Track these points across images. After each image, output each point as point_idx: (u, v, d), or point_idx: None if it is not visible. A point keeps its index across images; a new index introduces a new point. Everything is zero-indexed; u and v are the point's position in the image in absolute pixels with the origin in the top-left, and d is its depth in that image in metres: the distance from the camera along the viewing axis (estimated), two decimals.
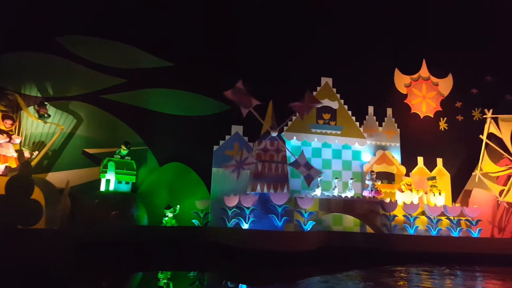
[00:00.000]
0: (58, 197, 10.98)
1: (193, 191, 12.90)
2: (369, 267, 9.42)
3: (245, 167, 10.67)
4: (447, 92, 16.05)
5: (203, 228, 11.84)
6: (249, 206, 10.43)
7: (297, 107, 11.12)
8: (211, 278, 8.49)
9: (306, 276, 8.16)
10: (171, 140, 13.44)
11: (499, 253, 11.21)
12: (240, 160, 10.61)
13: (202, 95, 13.99)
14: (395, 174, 14.02)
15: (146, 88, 13.94)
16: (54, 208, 10.56)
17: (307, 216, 10.82)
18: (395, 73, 15.78)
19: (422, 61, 16.16)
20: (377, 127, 14.54)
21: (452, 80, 16.14)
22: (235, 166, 10.59)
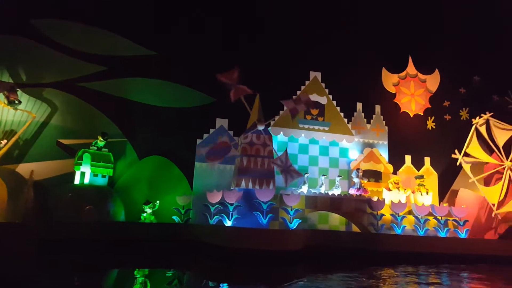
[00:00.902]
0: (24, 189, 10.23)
1: (174, 186, 12.30)
2: (356, 269, 9.05)
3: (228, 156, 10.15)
4: (435, 88, 15.87)
5: (183, 225, 11.26)
6: (232, 202, 9.92)
7: (289, 105, 10.67)
8: (191, 278, 8.11)
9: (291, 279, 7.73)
10: (151, 132, 12.78)
11: (486, 254, 11.04)
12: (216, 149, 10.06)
13: (186, 86, 13.35)
14: (382, 173, 13.74)
15: (127, 77, 13.22)
16: (19, 200, 9.82)
17: (293, 213, 10.39)
18: (383, 73, 15.49)
19: (408, 58, 15.88)
20: (365, 124, 14.23)
21: (439, 76, 15.95)
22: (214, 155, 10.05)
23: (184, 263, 9.25)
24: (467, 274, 9.11)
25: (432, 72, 16.01)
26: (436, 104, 15.88)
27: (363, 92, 14.68)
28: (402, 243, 10.99)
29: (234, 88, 9.91)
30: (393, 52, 15.77)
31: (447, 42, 16.08)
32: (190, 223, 11.46)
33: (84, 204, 10.62)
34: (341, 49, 14.73)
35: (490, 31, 16.71)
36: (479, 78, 16.57)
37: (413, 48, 16.02)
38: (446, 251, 10.99)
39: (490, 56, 16.55)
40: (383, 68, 15.51)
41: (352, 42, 15.02)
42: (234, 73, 10.00)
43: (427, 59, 15.98)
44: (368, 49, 15.20)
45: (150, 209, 11.53)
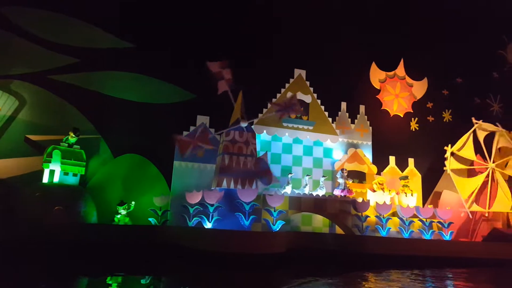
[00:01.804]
0: None
1: (151, 186, 11.67)
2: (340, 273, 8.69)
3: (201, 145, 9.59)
4: (420, 95, 15.82)
5: (160, 227, 10.64)
6: (213, 203, 9.39)
7: (277, 106, 10.31)
8: (168, 284, 7.70)
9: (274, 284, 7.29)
10: (127, 129, 12.06)
11: (471, 256, 10.88)
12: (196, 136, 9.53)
13: (165, 81, 12.72)
14: (366, 173, 13.48)
15: (101, 70, 12.49)
16: None
17: (276, 215, 9.94)
18: (372, 67, 15.33)
19: (401, 60, 15.78)
20: (350, 124, 13.96)
21: (427, 84, 15.90)
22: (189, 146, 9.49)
23: (161, 269, 8.74)
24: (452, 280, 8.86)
25: (420, 78, 15.89)
26: (419, 105, 15.80)
27: (348, 91, 14.43)
28: (387, 245, 10.69)
29: (222, 81, 9.41)
30: (378, 52, 15.61)
31: (431, 43, 16.03)
32: (168, 225, 10.84)
33: (53, 205, 9.93)
34: (327, 47, 14.45)
35: (473, 34, 16.78)
36: (461, 80, 16.58)
37: (399, 48, 15.90)
38: (431, 253, 10.76)
39: (473, 58, 16.63)
40: (373, 62, 15.30)
41: (338, 40, 14.75)
42: (224, 64, 9.49)
43: (413, 60, 15.88)
44: (354, 48, 14.97)
45: (125, 210, 10.87)
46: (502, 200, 12.54)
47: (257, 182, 9.92)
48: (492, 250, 11.09)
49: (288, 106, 9.86)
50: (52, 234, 9.13)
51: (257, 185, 10.02)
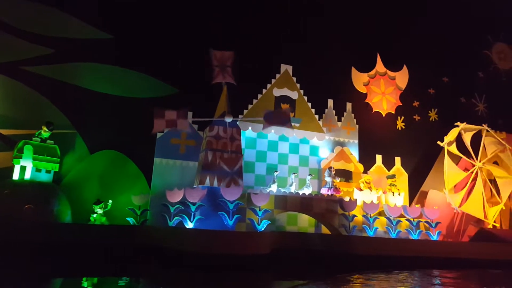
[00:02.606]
0: None
1: (129, 184, 11.09)
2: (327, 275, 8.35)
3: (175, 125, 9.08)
4: (405, 85, 15.62)
5: (139, 228, 10.09)
6: (195, 202, 8.90)
7: (268, 117, 9.83)
8: (146, 286, 7.42)
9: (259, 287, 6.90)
10: (105, 124, 11.40)
11: (460, 257, 10.73)
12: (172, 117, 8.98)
13: (146, 75, 12.14)
14: (353, 172, 13.22)
15: (78, 62, 11.82)
16: None
17: (262, 214, 9.53)
18: (352, 73, 14.99)
19: (377, 55, 15.54)
20: (336, 122, 13.67)
21: (408, 72, 15.71)
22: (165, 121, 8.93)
23: (139, 270, 8.35)
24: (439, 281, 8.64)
25: (400, 68, 15.73)
26: (406, 104, 15.66)
27: (335, 88, 14.16)
28: (375, 246, 10.42)
29: (220, 71, 8.94)
30: (364, 49, 15.38)
31: (418, 41, 15.91)
32: (147, 225, 10.30)
33: (24, 203, 9.27)
34: (313, 44, 14.15)
35: (458, 33, 16.78)
36: (447, 79, 16.54)
37: (384, 47, 15.71)
38: (419, 254, 10.56)
39: (459, 58, 16.64)
40: (352, 68, 15.01)
41: (324, 37, 14.46)
42: (228, 56, 9.04)
43: (398, 58, 15.72)
44: (341, 44, 14.71)
45: (101, 210, 10.29)
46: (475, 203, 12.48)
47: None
48: (480, 250, 10.96)
49: (280, 119, 9.43)
50: (22, 234, 8.52)
51: (242, 183, 9.57)
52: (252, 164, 12.15)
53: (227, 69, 9.19)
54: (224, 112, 9.64)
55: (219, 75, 9.17)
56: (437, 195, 13.60)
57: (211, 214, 9.00)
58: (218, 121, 9.89)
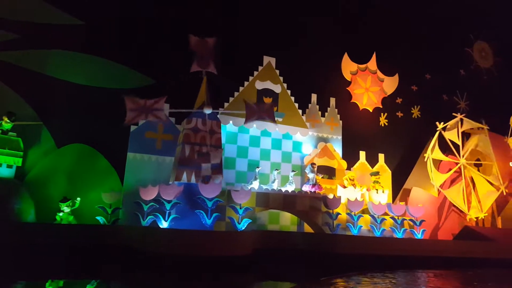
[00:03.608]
0: None
1: (100, 180, 10.36)
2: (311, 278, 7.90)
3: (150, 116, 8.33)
4: (391, 91, 15.43)
5: (110, 227, 9.42)
6: (170, 199, 8.25)
7: (250, 108, 9.08)
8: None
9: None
10: (75, 116, 10.63)
11: (442, 255, 10.49)
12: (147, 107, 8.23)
13: (120, 64, 11.36)
14: (336, 169, 12.84)
15: (45, 49, 10.95)
16: None
17: (242, 212, 8.98)
18: (344, 58, 14.72)
19: (373, 53, 15.29)
20: (320, 117, 13.25)
21: (398, 80, 15.53)
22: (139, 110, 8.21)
23: (110, 273, 7.81)
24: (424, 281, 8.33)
25: (392, 75, 15.49)
26: (389, 101, 15.42)
27: (319, 82, 13.75)
28: (359, 245, 10.05)
29: (200, 59, 8.26)
30: (351, 45, 15.05)
31: (402, 38, 15.71)
32: (119, 225, 9.58)
33: None
34: (298, 36, 13.69)
35: (441, 29, 16.71)
36: (430, 76, 16.42)
37: (371, 43, 15.44)
38: (404, 253, 10.26)
39: (441, 55, 16.55)
40: (345, 53, 14.68)
41: (310, 29, 14.03)
42: (210, 43, 8.36)
43: (386, 55, 15.48)
44: (327, 38, 14.33)
45: (68, 208, 9.56)
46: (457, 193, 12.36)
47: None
48: (464, 249, 10.76)
49: (263, 113, 8.82)
50: None
51: (221, 179, 8.98)
52: (233, 160, 11.59)
53: (207, 57, 8.46)
54: (203, 103, 8.98)
55: (198, 63, 8.44)
56: (420, 193, 13.39)
57: (187, 213, 8.38)
58: (196, 113, 9.25)
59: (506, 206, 13.78)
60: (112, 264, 8.38)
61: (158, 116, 8.41)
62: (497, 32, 18.22)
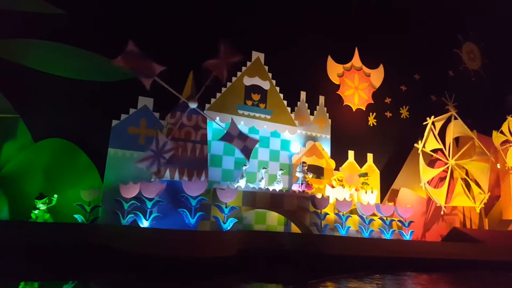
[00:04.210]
0: None
1: (79, 177, 9.88)
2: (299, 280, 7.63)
3: (165, 156, 8.02)
4: (379, 84, 15.27)
5: (88, 226, 8.96)
6: (152, 197, 7.86)
7: (212, 65, 8.46)
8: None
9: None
10: (53, 109, 10.11)
11: (430, 257, 10.34)
12: (158, 149, 7.93)
13: (102, 56, 10.88)
14: (325, 168, 12.61)
15: (24, 38, 10.41)
16: None
17: (228, 212, 8.65)
18: (328, 61, 14.46)
19: (355, 49, 15.10)
20: (309, 116, 13.00)
21: (383, 71, 15.38)
22: (152, 157, 7.90)
23: (88, 274, 7.45)
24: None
25: (376, 67, 15.35)
26: (378, 100, 15.29)
27: (308, 80, 13.51)
28: (347, 246, 9.83)
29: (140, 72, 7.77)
30: (339, 43, 14.85)
31: (392, 37, 15.60)
32: (98, 224, 9.14)
33: None
34: (287, 33, 13.42)
35: (430, 30, 16.67)
36: (419, 76, 16.36)
37: (359, 41, 15.27)
38: (392, 254, 10.08)
39: (430, 56, 16.51)
40: (329, 56, 14.46)
41: (299, 27, 13.79)
42: (131, 51, 7.81)
43: (373, 52, 15.33)
44: (316, 36, 14.10)
45: (44, 205, 9.10)
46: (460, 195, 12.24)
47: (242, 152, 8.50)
48: (452, 250, 10.63)
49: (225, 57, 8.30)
50: None
51: (206, 176, 8.62)
52: (219, 158, 11.24)
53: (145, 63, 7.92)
54: (187, 98, 8.59)
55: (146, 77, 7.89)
56: (408, 194, 13.26)
57: (170, 212, 8.01)
58: (181, 108, 8.84)
59: (492, 208, 13.82)
60: (90, 264, 7.96)
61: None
62: (485, 34, 18.32)
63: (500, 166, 13.54)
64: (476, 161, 12.71)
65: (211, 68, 8.28)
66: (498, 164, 13.65)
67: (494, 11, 17.98)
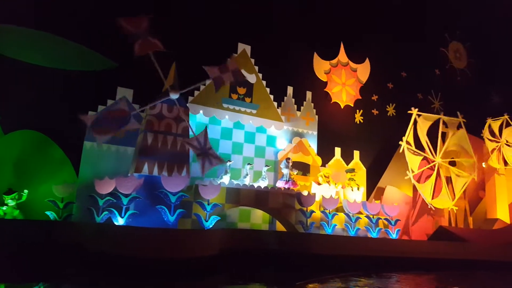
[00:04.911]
0: None
1: (52, 171, 9.27)
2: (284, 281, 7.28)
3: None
4: (366, 78, 15.04)
5: (60, 224, 8.38)
6: (128, 193, 7.37)
7: (213, 73, 8.00)
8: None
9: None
10: (24, 98, 9.44)
11: (417, 256, 10.15)
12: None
13: (78, 43, 10.26)
14: (311, 165, 12.30)
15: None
16: None
17: (210, 209, 8.22)
18: (314, 58, 14.12)
19: (340, 44, 14.83)
20: (295, 111, 12.67)
21: (369, 65, 15.17)
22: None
23: (60, 275, 6.94)
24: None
25: (363, 61, 15.13)
26: (365, 97, 15.08)
27: (295, 74, 13.19)
28: (333, 245, 9.55)
29: (142, 40, 7.27)
30: (326, 37, 14.56)
31: (379, 33, 15.41)
32: (71, 221, 8.58)
33: None
34: (275, 26, 13.06)
35: (418, 28, 16.57)
36: (406, 74, 16.24)
37: (346, 37, 15.01)
38: (378, 253, 9.84)
39: (417, 53, 16.40)
40: (314, 53, 14.14)
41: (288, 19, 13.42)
42: (142, 21, 7.37)
43: (359, 49, 15.10)
44: (303, 30, 13.77)
45: (13, 201, 8.50)
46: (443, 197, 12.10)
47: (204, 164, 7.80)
48: (439, 249, 10.47)
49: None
50: None
51: (188, 172, 8.17)
52: None
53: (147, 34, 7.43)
54: (167, 88, 8.08)
55: (141, 47, 7.40)
56: (394, 192, 13.07)
57: (148, 209, 7.53)
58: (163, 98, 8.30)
59: (477, 206, 13.77)
60: (61, 265, 7.42)
61: (239, 77, 7.95)
62: (470, 34, 18.35)
63: (486, 165, 13.50)
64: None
65: (209, 74, 7.79)
66: (483, 163, 13.60)
67: (479, 11, 18.03)
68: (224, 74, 7.97)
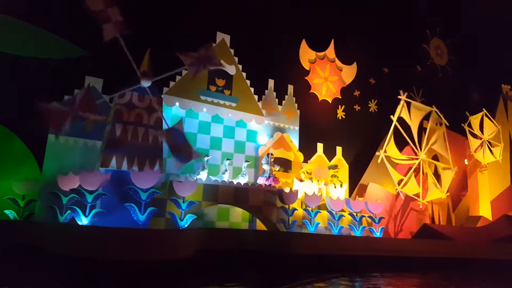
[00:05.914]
0: None
1: (13, 167, 8.53)
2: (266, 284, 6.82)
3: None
4: (349, 80, 14.79)
5: (21, 223, 7.67)
6: (93, 189, 6.71)
7: (189, 59, 7.31)
8: None
9: None
10: None
11: (401, 255, 9.86)
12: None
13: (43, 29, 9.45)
14: (293, 161, 11.87)
15: None
16: None
17: (186, 207, 7.66)
18: (302, 45, 13.81)
19: (331, 41, 14.51)
20: (277, 105, 12.22)
21: (356, 70, 14.91)
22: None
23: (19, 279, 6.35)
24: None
25: (351, 63, 14.83)
26: (347, 93, 14.79)
27: (277, 67, 12.73)
28: (316, 244, 9.14)
29: (103, 20, 6.61)
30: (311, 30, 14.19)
31: (362, 29, 15.15)
32: (33, 221, 7.85)
33: None
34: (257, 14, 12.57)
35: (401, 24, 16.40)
36: (388, 70, 16.05)
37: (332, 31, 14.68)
38: (362, 252, 9.49)
39: (399, 49, 16.23)
40: (303, 40, 13.77)
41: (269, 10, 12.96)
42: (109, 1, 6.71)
43: (344, 44, 14.79)
44: (287, 22, 13.34)
45: None
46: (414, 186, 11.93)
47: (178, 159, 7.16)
48: (423, 248, 10.21)
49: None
50: None
51: (160, 166, 7.56)
52: None
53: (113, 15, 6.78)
54: (141, 73, 7.40)
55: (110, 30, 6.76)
56: (376, 189, 12.81)
57: (115, 207, 6.90)
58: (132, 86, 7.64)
59: (459, 203, 13.69)
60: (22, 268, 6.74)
61: (216, 63, 7.22)
62: (450, 30, 18.36)
63: (468, 162, 13.42)
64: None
65: (184, 61, 7.16)
66: (465, 160, 13.52)
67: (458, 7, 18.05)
68: (200, 60, 7.34)
